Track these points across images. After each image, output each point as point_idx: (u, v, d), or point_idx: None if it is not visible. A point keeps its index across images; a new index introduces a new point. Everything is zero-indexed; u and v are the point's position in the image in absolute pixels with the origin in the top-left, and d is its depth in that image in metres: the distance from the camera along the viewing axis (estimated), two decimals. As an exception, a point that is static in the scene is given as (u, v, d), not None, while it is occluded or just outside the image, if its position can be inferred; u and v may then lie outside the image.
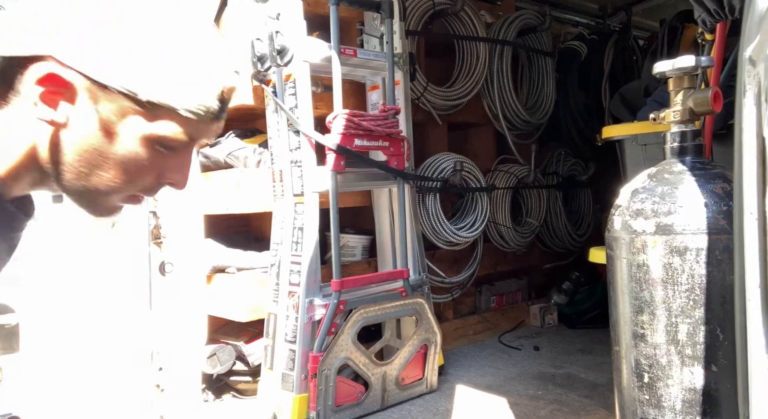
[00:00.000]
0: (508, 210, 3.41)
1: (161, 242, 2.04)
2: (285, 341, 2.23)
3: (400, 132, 2.50)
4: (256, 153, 2.59)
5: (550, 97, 3.68)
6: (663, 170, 1.21)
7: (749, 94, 0.70)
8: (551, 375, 2.69)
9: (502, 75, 3.35)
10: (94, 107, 0.64)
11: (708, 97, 1.14)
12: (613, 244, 1.23)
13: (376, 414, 2.30)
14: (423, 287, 2.60)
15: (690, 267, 1.10)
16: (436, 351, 2.50)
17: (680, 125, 1.22)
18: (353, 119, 2.31)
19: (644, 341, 1.16)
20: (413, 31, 2.92)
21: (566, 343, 3.19)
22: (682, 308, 1.11)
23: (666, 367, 1.13)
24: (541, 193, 3.66)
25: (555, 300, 3.71)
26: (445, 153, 3.08)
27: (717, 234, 1.09)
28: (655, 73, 1.23)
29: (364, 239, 2.88)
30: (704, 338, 1.09)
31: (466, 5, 3.10)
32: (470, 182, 3.15)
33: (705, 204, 1.11)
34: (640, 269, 1.16)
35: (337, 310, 2.21)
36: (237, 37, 2.44)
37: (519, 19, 3.42)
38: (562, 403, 2.34)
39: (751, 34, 0.69)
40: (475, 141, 3.66)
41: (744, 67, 0.71)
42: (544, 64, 3.67)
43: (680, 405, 1.13)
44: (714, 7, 1.29)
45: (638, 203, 1.19)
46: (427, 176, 2.92)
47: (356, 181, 2.46)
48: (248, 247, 2.63)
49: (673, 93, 1.22)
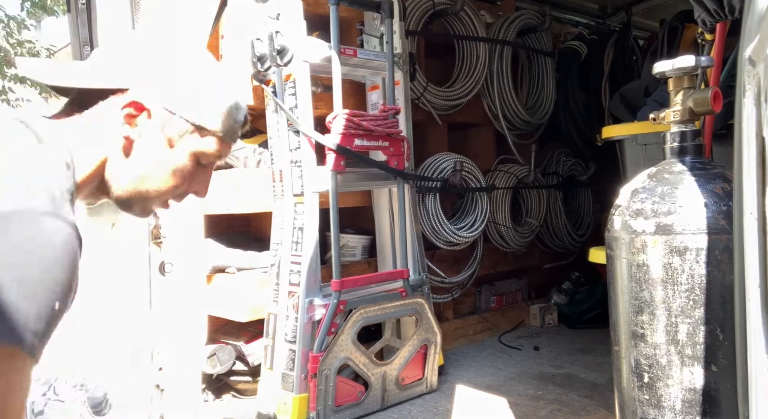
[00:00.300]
0: (508, 210, 3.41)
1: (161, 242, 2.04)
2: (285, 341, 2.23)
3: (400, 132, 2.50)
4: (256, 153, 2.59)
5: (550, 97, 3.68)
6: (663, 170, 1.21)
7: (749, 95, 0.70)
8: (551, 375, 2.69)
9: (502, 75, 3.35)
10: (161, 126, 0.86)
11: (708, 97, 1.14)
12: (613, 244, 1.23)
13: (376, 414, 2.30)
14: (423, 287, 2.60)
15: (690, 267, 1.10)
16: (436, 351, 2.50)
17: (680, 125, 1.21)
18: (353, 119, 2.31)
19: (644, 341, 1.16)
20: (413, 31, 2.91)
21: (566, 343, 3.19)
22: (682, 308, 1.11)
23: (666, 367, 1.13)
24: (541, 193, 3.66)
25: (555, 300, 3.71)
26: (445, 153, 3.08)
27: (717, 234, 1.09)
28: (655, 73, 1.23)
29: (364, 239, 2.87)
30: (704, 338, 1.09)
31: (466, 5, 3.10)
32: (470, 182, 3.15)
33: (705, 204, 1.10)
34: (640, 269, 1.16)
35: (337, 310, 2.21)
36: (237, 37, 2.44)
37: (519, 19, 3.42)
38: (562, 403, 2.34)
39: (751, 34, 0.69)
40: (475, 141, 3.66)
41: (744, 67, 0.71)
42: (544, 64, 3.67)
43: (680, 405, 1.13)
44: (714, 7, 1.29)
45: (638, 203, 1.19)
46: (427, 176, 2.92)
47: (356, 181, 2.45)
48: (248, 247, 2.63)
49: (673, 93, 1.22)
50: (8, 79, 8.95)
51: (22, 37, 9.00)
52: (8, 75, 8.91)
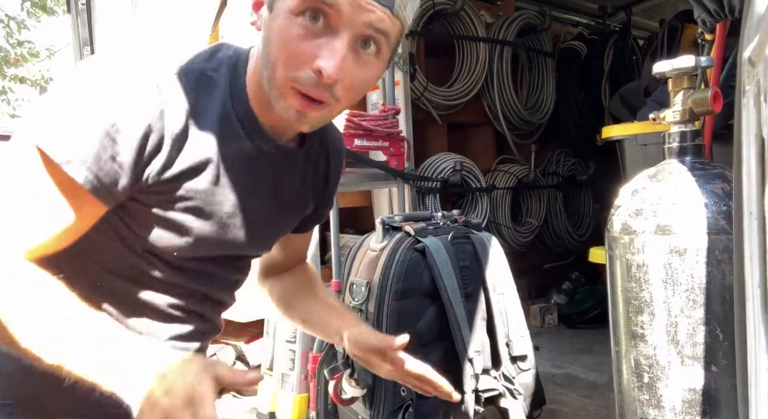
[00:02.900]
0: (508, 210, 3.41)
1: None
2: (285, 341, 2.23)
3: (400, 132, 2.49)
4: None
5: (550, 97, 3.68)
6: (663, 170, 1.21)
7: (749, 95, 0.70)
8: (551, 375, 2.69)
9: (502, 75, 3.35)
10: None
11: (708, 97, 1.14)
12: (613, 244, 1.23)
13: (376, 414, 2.30)
14: (423, 287, 2.60)
15: (689, 267, 1.10)
16: (436, 351, 2.49)
17: (680, 125, 1.21)
18: (353, 119, 2.31)
19: (644, 341, 1.16)
20: (413, 31, 2.91)
21: (566, 343, 3.19)
22: (682, 309, 1.11)
23: (666, 367, 1.13)
24: (541, 193, 3.66)
25: (555, 300, 3.71)
26: (445, 153, 3.08)
27: (717, 234, 1.09)
28: (654, 73, 1.23)
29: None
30: (704, 338, 1.09)
31: (466, 5, 3.10)
32: (470, 182, 3.15)
33: (705, 204, 1.10)
34: (640, 270, 1.16)
35: (337, 310, 2.20)
36: (237, 37, 2.44)
37: (519, 19, 3.42)
38: (562, 403, 2.34)
39: (751, 34, 0.69)
40: (475, 141, 3.66)
41: (743, 67, 0.71)
42: (544, 64, 3.67)
43: (680, 405, 1.13)
44: (714, 7, 1.29)
45: (638, 203, 1.19)
46: (427, 176, 2.92)
47: (356, 181, 2.45)
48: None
49: (672, 93, 1.22)
50: (8, 80, 8.95)
51: (22, 37, 9.00)
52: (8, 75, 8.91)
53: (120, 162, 0.65)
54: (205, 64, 0.74)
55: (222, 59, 0.75)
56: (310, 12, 0.65)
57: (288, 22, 0.65)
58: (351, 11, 0.64)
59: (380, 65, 0.71)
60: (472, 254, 1.82)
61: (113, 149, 0.64)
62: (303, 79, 0.66)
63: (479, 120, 3.47)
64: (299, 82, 0.67)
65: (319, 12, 0.64)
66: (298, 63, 0.66)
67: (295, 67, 0.66)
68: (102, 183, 0.64)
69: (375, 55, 0.69)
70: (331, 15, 0.64)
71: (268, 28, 0.68)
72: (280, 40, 0.66)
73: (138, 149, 0.65)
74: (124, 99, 0.65)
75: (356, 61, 0.68)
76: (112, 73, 0.66)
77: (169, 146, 0.68)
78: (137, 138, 0.65)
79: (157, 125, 0.67)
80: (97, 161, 0.63)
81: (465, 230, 1.87)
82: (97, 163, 0.63)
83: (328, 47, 0.65)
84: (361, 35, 0.66)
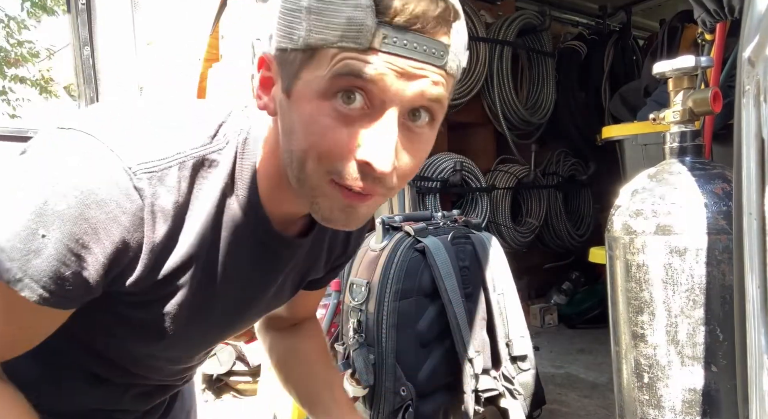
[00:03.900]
0: (508, 210, 3.41)
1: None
2: (285, 341, 2.23)
3: (400, 132, 2.49)
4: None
5: (550, 97, 3.68)
6: (663, 170, 1.21)
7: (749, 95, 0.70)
8: (551, 375, 2.69)
9: (502, 75, 3.35)
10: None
11: (708, 97, 1.14)
12: (613, 244, 1.23)
13: (376, 414, 2.30)
14: (423, 287, 2.60)
15: (690, 267, 1.10)
16: (436, 351, 2.50)
17: (680, 126, 1.21)
18: (353, 119, 2.30)
19: (644, 341, 1.16)
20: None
21: (566, 343, 3.19)
22: (682, 309, 1.11)
23: (666, 367, 1.13)
24: (541, 193, 3.66)
25: (555, 300, 3.71)
26: (445, 153, 3.08)
27: (717, 234, 1.09)
28: (654, 73, 1.23)
29: (364, 239, 2.87)
30: (704, 338, 1.09)
31: (466, 5, 3.10)
32: (470, 182, 3.15)
33: (705, 204, 1.10)
34: (640, 270, 1.16)
35: (337, 310, 2.20)
36: (237, 37, 2.44)
37: (519, 19, 3.42)
38: (562, 403, 2.34)
39: (751, 34, 0.69)
40: (475, 141, 3.66)
41: (743, 67, 0.71)
42: (544, 64, 3.67)
43: (680, 405, 1.13)
44: (714, 7, 1.29)
45: (638, 203, 1.19)
46: (427, 176, 2.92)
47: (356, 181, 2.45)
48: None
49: (672, 93, 1.22)
50: (8, 80, 8.95)
51: (22, 37, 9.01)
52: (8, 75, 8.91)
53: (85, 277, 0.55)
54: (207, 144, 0.62)
55: (229, 136, 0.63)
56: (343, 93, 0.52)
57: (317, 109, 0.52)
58: (398, 83, 0.51)
59: (434, 134, 0.58)
60: (472, 254, 1.82)
61: (78, 265, 0.54)
62: (345, 173, 0.54)
63: (479, 120, 3.47)
64: (341, 176, 0.54)
65: (355, 91, 0.52)
66: (337, 156, 0.53)
67: (332, 162, 0.54)
68: (60, 298, 0.55)
69: (429, 124, 0.56)
70: (372, 92, 0.51)
71: (290, 118, 0.55)
72: (311, 134, 0.53)
73: (108, 265, 0.56)
74: (94, 206, 0.53)
75: (409, 140, 0.55)
76: (82, 166, 0.53)
77: (147, 257, 0.58)
78: (107, 254, 0.55)
79: (135, 236, 0.56)
80: (54, 279, 0.54)
81: (465, 230, 1.87)
82: (55, 281, 0.54)
83: (374, 133, 0.52)
84: (411, 108, 0.54)
